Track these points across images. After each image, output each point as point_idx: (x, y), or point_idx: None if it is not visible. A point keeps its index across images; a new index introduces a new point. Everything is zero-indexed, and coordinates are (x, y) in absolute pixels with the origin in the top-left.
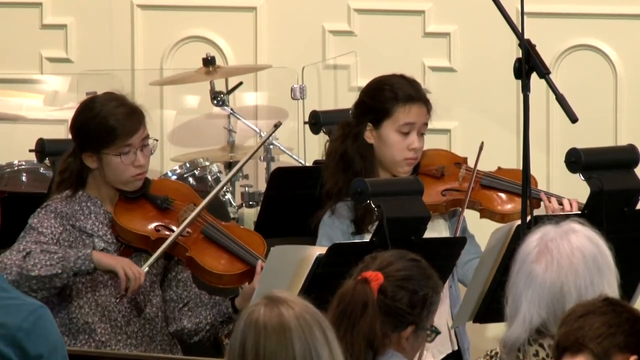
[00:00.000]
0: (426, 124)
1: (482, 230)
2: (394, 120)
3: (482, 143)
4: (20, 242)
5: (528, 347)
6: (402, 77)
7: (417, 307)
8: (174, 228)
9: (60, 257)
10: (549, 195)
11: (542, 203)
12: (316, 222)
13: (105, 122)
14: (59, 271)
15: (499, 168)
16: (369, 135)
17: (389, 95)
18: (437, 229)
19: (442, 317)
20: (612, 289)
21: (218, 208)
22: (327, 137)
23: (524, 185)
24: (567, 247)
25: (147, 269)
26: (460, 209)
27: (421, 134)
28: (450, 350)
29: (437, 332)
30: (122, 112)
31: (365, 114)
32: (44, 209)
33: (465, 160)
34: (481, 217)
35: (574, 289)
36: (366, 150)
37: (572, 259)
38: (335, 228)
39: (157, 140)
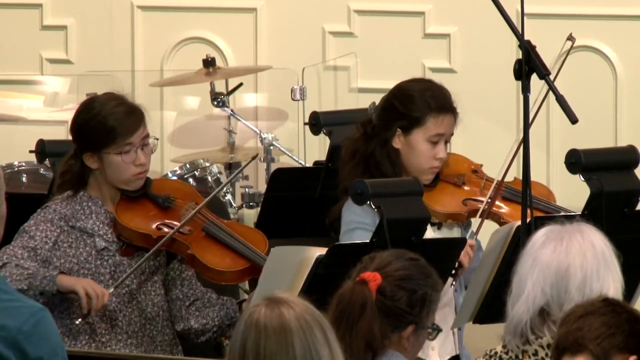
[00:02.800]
0: (452, 133)
1: (483, 233)
2: (426, 130)
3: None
4: (8, 246)
5: (528, 346)
6: (432, 82)
7: (417, 306)
8: (176, 226)
9: (29, 273)
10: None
11: None
12: (331, 217)
13: (105, 122)
14: (25, 287)
15: (515, 179)
16: (397, 141)
17: (421, 104)
18: (452, 236)
19: (447, 321)
20: (615, 286)
21: (218, 209)
22: (327, 138)
23: (524, 186)
24: (580, 237)
25: (112, 290)
26: (480, 219)
27: (446, 142)
28: (454, 353)
29: (439, 330)
30: (122, 111)
31: (395, 120)
32: (43, 210)
33: (480, 166)
34: None
35: (580, 270)
36: (394, 155)
37: (582, 245)
38: (366, 213)
39: (157, 139)
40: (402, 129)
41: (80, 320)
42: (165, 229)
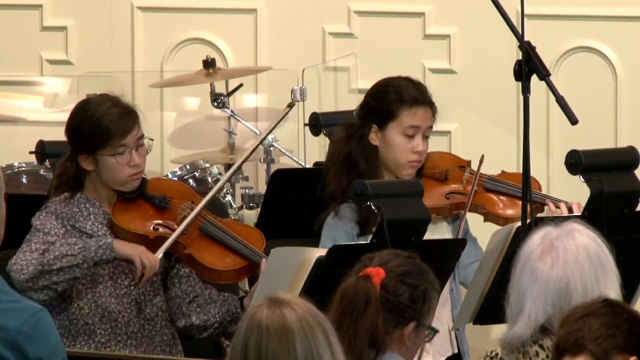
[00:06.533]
0: (431, 127)
1: (484, 233)
2: (399, 123)
3: (483, 156)
4: (29, 244)
5: (528, 348)
6: (407, 79)
7: (418, 301)
8: (173, 226)
9: (80, 247)
10: (556, 201)
11: (545, 208)
12: (320, 224)
13: (99, 123)
14: (80, 261)
15: (503, 172)
16: (374, 137)
17: (394, 98)
18: (439, 232)
19: (443, 319)
20: (615, 288)
21: (218, 209)
22: (327, 139)
23: (524, 187)
24: (573, 244)
25: (161, 255)
26: (463, 212)
27: (425, 137)
28: (450, 353)
29: (435, 331)
30: (116, 113)
31: (370, 116)
32: (44, 210)
33: (469, 163)
34: (485, 220)
35: (580, 284)
36: (370, 152)
37: (577, 256)
38: (338, 229)
39: (152, 140)
40: (378, 124)
41: (133, 286)
42: (162, 230)
